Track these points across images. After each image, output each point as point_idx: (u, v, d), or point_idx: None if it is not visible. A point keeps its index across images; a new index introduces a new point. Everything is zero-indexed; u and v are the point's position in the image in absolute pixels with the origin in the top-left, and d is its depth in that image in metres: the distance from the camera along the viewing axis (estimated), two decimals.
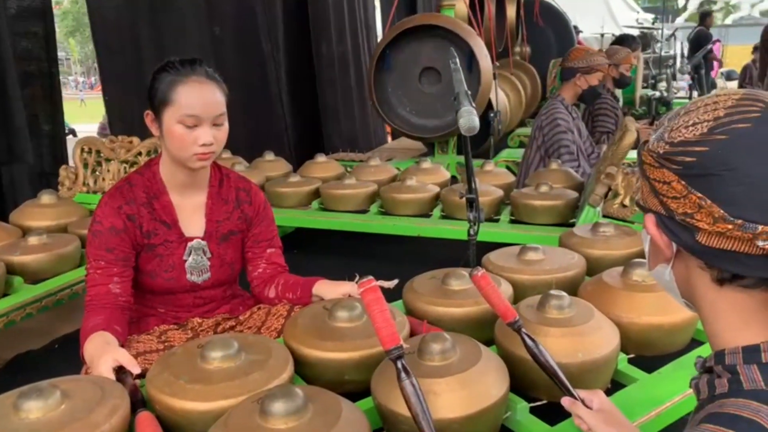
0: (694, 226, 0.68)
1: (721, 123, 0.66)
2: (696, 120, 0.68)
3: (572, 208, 2.39)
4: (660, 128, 0.74)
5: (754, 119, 0.65)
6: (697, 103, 0.71)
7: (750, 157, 0.64)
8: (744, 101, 0.67)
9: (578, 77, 3.13)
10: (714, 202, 0.65)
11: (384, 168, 3.01)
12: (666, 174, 0.70)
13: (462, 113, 1.53)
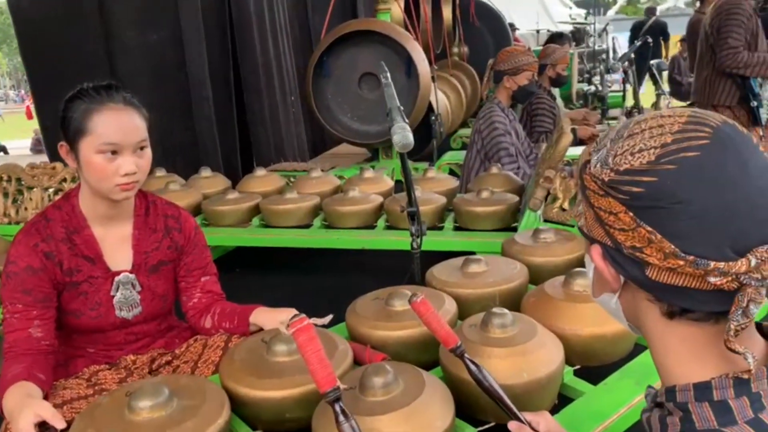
0: (644, 261, 0.65)
1: (668, 151, 0.63)
2: (642, 146, 0.65)
3: (514, 212, 2.40)
4: (601, 149, 0.70)
5: (702, 147, 0.62)
6: (641, 124, 0.68)
7: (700, 189, 0.61)
8: (690, 125, 0.64)
9: (506, 79, 3.15)
10: (664, 236, 0.62)
11: (326, 179, 2.95)
12: (612, 204, 0.66)
13: (395, 130, 1.49)
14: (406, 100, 4.14)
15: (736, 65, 3.58)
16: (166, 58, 3.91)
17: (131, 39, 3.78)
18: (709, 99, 3.83)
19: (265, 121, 4.59)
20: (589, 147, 0.75)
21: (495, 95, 3.23)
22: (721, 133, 0.63)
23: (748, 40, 3.60)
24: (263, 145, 4.55)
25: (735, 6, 3.59)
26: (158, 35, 3.83)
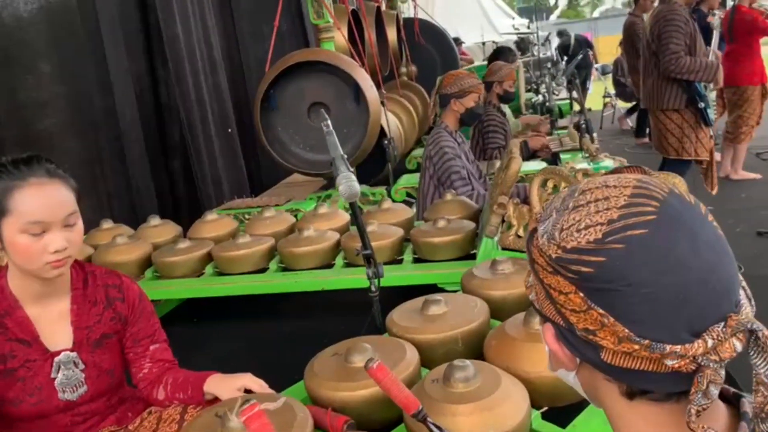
0: (598, 344, 0.62)
1: (615, 228, 0.60)
2: (588, 222, 0.61)
3: (472, 239, 2.37)
4: (547, 220, 0.67)
5: (649, 224, 0.59)
6: (586, 195, 0.65)
7: (650, 270, 0.58)
8: (637, 198, 0.61)
9: (453, 102, 3.16)
10: (617, 320, 0.59)
11: (280, 218, 2.88)
12: (562, 283, 0.63)
13: (340, 180, 1.45)
14: (357, 128, 4.11)
15: (680, 70, 3.67)
16: (94, 106, 3.77)
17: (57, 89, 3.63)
18: (658, 104, 3.92)
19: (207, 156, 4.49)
20: (536, 214, 0.72)
21: (442, 119, 3.23)
22: (669, 207, 0.61)
23: (688, 44, 3.70)
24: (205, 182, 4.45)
25: (672, 12, 3.70)
26: (85, 83, 3.69)
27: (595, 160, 2.18)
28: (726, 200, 4.80)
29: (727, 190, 5.10)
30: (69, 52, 3.57)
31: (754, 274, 3.53)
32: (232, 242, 2.61)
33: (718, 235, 0.62)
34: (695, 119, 3.85)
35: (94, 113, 3.73)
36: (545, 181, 1.98)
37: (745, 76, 5.10)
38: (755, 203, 4.76)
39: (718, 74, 3.73)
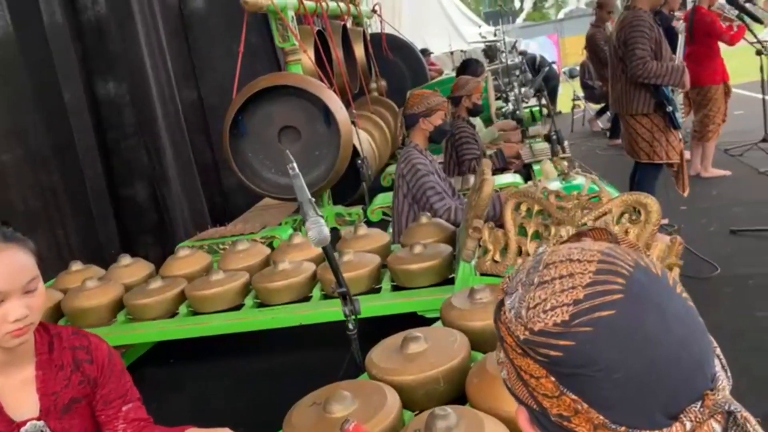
0: (573, 431, 0.59)
1: (582, 309, 0.57)
2: (554, 302, 0.59)
3: (449, 263, 2.35)
4: (514, 293, 0.64)
5: (617, 303, 0.57)
6: (550, 269, 0.62)
7: (620, 353, 0.56)
8: (602, 275, 0.59)
9: (422, 121, 3.15)
10: (591, 406, 0.57)
11: (254, 250, 2.82)
12: (532, 366, 0.61)
13: (309, 225, 1.41)
14: (328, 149, 4.07)
15: (647, 75, 3.71)
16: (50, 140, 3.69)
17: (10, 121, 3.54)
18: (627, 109, 3.96)
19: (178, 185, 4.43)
20: (503, 283, 0.70)
21: (411, 139, 3.21)
22: (635, 283, 0.58)
23: (654, 49, 3.75)
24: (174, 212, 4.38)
25: (637, 18, 3.74)
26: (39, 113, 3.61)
27: (567, 178, 2.18)
28: (698, 199, 4.86)
29: (698, 188, 5.17)
30: (19, 82, 3.50)
31: (729, 274, 3.58)
32: (205, 279, 2.55)
33: (687, 307, 0.61)
34: (664, 123, 3.90)
35: (50, 144, 3.66)
36: (518, 205, 1.97)
37: (707, 76, 5.18)
38: (727, 200, 4.83)
39: (684, 77, 3.78)
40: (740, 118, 7.54)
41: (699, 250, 3.95)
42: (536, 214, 1.93)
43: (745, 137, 6.35)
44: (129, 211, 4.39)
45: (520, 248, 1.94)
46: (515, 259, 1.95)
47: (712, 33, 5.05)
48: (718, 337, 2.25)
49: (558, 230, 1.86)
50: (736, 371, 2.08)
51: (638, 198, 1.69)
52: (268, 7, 3.82)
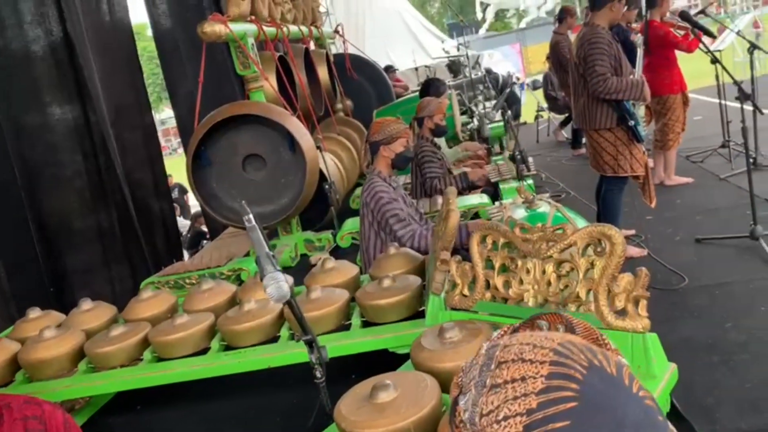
0: None
1: (535, 420, 0.55)
2: (507, 412, 0.56)
3: (419, 296, 2.31)
4: (467, 393, 0.61)
5: (571, 413, 0.54)
6: (502, 370, 0.59)
7: None
8: (555, 380, 0.56)
9: (383, 149, 3.13)
10: None
11: (219, 289, 2.74)
12: None
13: (267, 281, 1.36)
14: (294, 176, 4.04)
15: (608, 91, 3.76)
16: None
17: None
18: (591, 124, 4.00)
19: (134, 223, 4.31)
20: (457, 378, 0.66)
21: (374, 166, 3.19)
22: (589, 389, 0.56)
23: (614, 65, 3.80)
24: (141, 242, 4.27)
25: (595, 36, 3.79)
26: None
27: (531, 207, 2.17)
28: (663, 208, 4.92)
29: (663, 197, 5.24)
30: None
31: (697, 285, 3.61)
32: (169, 323, 2.47)
33: (646, 408, 0.58)
34: (627, 137, 3.95)
35: None
36: (484, 238, 1.95)
37: (665, 86, 5.29)
38: (691, 209, 4.91)
39: (645, 91, 3.84)
40: (699, 123, 7.71)
41: (667, 260, 4.00)
42: (502, 246, 1.91)
43: (705, 143, 6.49)
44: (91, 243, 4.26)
45: (488, 282, 1.92)
46: (483, 293, 1.92)
47: (667, 44, 5.16)
48: (689, 351, 2.27)
49: (525, 263, 1.84)
50: (707, 387, 2.08)
51: (602, 230, 1.68)
52: (227, 36, 3.77)
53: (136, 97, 5.15)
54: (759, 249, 3.79)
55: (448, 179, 4.15)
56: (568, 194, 5.91)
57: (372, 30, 12.90)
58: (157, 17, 5.59)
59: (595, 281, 1.67)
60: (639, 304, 1.60)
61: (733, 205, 4.62)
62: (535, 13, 36.90)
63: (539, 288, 1.80)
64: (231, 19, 3.91)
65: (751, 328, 3.05)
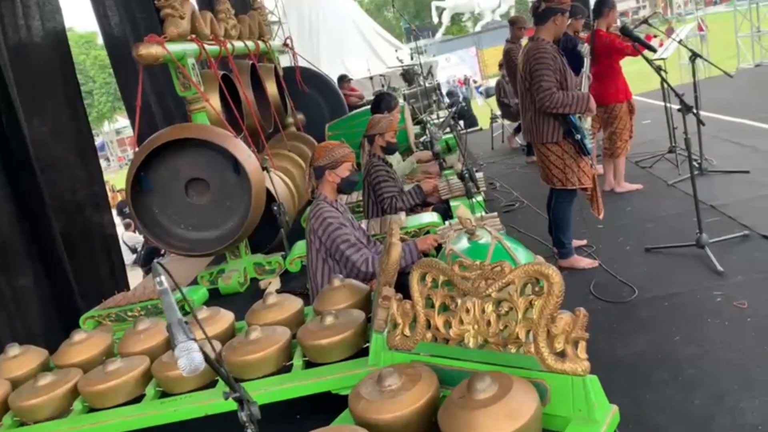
0: None
1: None
2: None
3: (363, 332, 2.24)
4: None
5: None
6: None
7: None
8: None
9: (328, 174, 3.06)
10: None
11: (155, 329, 2.60)
12: None
13: (179, 352, 1.26)
14: (240, 199, 3.92)
15: (554, 106, 3.76)
16: None
17: None
18: (538, 138, 4.00)
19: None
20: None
21: (320, 191, 3.11)
22: None
23: (559, 79, 3.80)
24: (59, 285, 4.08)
25: (540, 51, 3.79)
26: None
27: (472, 238, 2.12)
28: (614, 217, 4.97)
29: (613, 204, 5.30)
30: None
31: (646, 296, 3.63)
32: (101, 371, 2.33)
33: None
34: (575, 150, 3.96)
35: None
36: (424, 276, 1.89)
37: (611, 95, 5.36)
38: (641, 217, 4.97)
39: (590, 104, 3.86)
40: (648, 127, 7.87)
41: (618, 270, 4.02)
42: (442, 284, 1.85)
43: (655, 147, 6.60)
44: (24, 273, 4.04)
45: (429, 321, 1.86)
46: (424, 333, 1.86)
47: (612, 52, 5.23)
48: (641, 366, 2.22)
49: (464, 302, 1.78)
50: (659, 405, 2.04)
51: (539, 269, 1.64)
52: (165, 58, 3.64)
53: (74, 115, 4.95)
54: (705, 257, 3.84)
55: (406, 197, 4.10)
56: (521, 204, 5.93)
57: (327, 39, 12.81)
58: (108, 26, 5.43)
59: (534, 322, 1.62)
60: (578, 345, 1.55)
61: (682, 211, 4.69)
62: (489, 16, 37.37)
63: (479, 328, 1.74)
64: (169, 39, 3.78)
65: (699, 341, 3.07)
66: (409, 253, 3.01)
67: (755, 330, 3.04)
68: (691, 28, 8.09)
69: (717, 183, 5.33)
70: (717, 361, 2.88)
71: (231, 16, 4.98)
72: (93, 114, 34.14)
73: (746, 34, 12.07)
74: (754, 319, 3.13)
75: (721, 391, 2.66)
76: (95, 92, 33.44)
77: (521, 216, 5.59)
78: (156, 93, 5.70)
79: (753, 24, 11.76)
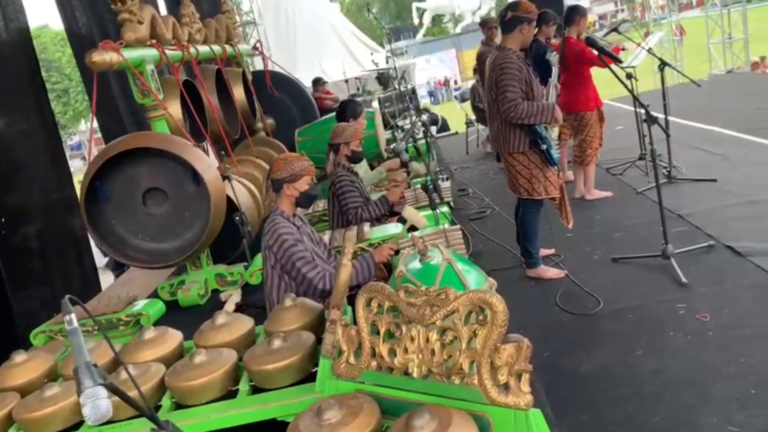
0: None
1: None
2: None
3: (312, 355, 2.16)
4: None
5: None
6: None
7: None
8: None
9: (287, 187, 2.97)
10: None
11: (99, 350, 2.48)
12: None
13: (84, 399, 1.17)
14: (199, 209, 3.82)
15: (519, 116, 3.73)
16: None
17: None
18: (505, 147, 3.97)
19: None
20: None
21: (277, 205, 3.02)
22: None
23: (525, 90, 3.77)
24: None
25: (506, 61, 3.75)
26: None
27: (424, 259, 2.06)
28: (583, 225, 4.96)
29: (583, 212, 5.30)
30: None
31: (611, 308, 3.61)
32: (37, 396, 2.22)
33: None
34: (541, 160, 3.93)
35: None
36: (369, 301, 1.82)
37: (582, 103, 5.36)
38: (609, 225, 4.97)
39: (556, 114, 3.83)
40: (621, 133, 7.90)
41: (584, 281, 4.01)
42: (387, 310, 1.78)
43: (626, 154, 6.62)
44: None
45: (374, 349, 1.79)
46: (369, 361, 1.79)
47: (582, 60, 5.22)
48: (604, 382, 2.17)
49: (409, 329, 1.72)
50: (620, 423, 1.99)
51: (483, 297, 1.57)
52: (120, 64, 3.52)
53: (40, 116, 4.82)
54: (670, 268, 3.84)
55: (372, 207, 4.03)
56: (492, 210, 5.91)
57: (304, 41, 12.69)
58: (75, 26, 5.31)
59: (478, 352, 1.56)
60: (522, 378, 1.50)
61: (650, 220, 4.69)
62: (470, 18, 37.48)
63: (423, 357, 1.68)
64: (126, 45, 3.66)
65: (660, 355, 3.06)
66: (366, 267, 2.95)
67: (716, 344, 3.03)
68: (660, 36, 8.15)
69: (685, 191, 5.35)
70: (678, 376, 2.87)
71: (196, 20, 4.87)
72: (69, 113, 33.44)
73: (718, 40, 12.22)
74: (716, 333, 3.12)
75: (680, 408, 2.65)
76: (71, 90, 32.76)
77: (492, 223, 5.56)
78: (125, 95, 5.58)
79: (724, 30, 11.90)
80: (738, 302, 3.38)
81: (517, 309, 3.85)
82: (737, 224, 4.38)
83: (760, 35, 16.16)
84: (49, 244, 4.53)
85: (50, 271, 4.62)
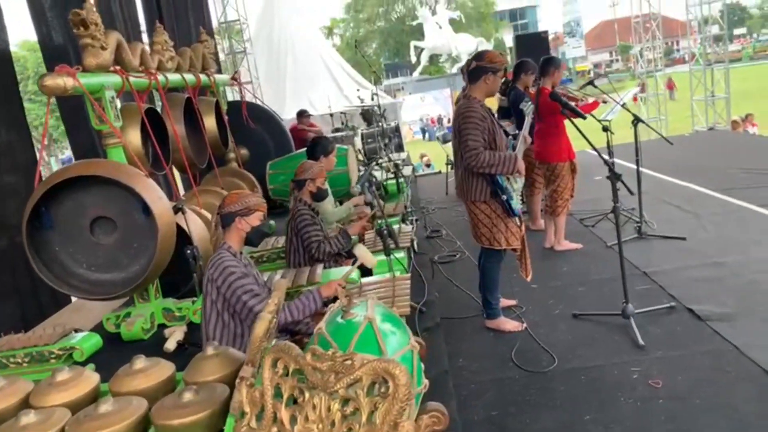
0: None
1: None
2: None
3: (223, 413, 2.03)
4: None
5: None
6: None
7: None
8: None
9: (238, 221, 2.89)
10: None
11: (10, 390, 2.34)
12: None
13: None
14: (147, 241, 3.70)
15: (480, 165, 3.67)
16: None
17: None
18: (467, 195, 3.91)
19: None
20: None
21: (225, 240, 2.93)
22: None
23: (487, 139, 3.72)
24: None
25: (469, 110, 3.71)
26: None
27: (346, 316, 1.95)
28: (548, 277, 4.89)
29: (551, 263, 5.23)
30: None
31: (565, 367, 3.51)
32: None
33: None
34: (503, 209, 3.87)
35: None
36: (276, 361, 1.71)
37: (554, 153, 5.34)
38: (575, 279, 4.88)
39: (518, 165, 3.78)
40: (598, 184, 7.87)
41: (542, 336, 3.91)
42: (293, 373, 1.67)
43: (600, 205, 6.59)
44: None
45: (276, 414, 1.67)
46: (270, 427, 1.67)
47: (556, 111, 5.21)
48: None
49: (312, 396, 1.61)
50: None
51: (387, 367, 1.48)
52: (74, 89, 3.45)
53: (17, 136, 4.70)
54: (629, 328, 3.75)
55: (333, 241, 3.97)
56: (462, 254, 5.83)
57: (293, 72, 12.76)
58: (48, 40, 5.24)
59: (377, 427, 1.46)
60: None
61: (616, 276, 4.59)
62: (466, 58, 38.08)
63: (323, 428, 1.57)
64: (85, 70, 3.60)
65: (608, 423, 2.94)
66: (313, 301, 2.89)
67: (665, 414, 2.92)
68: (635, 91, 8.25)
69: (654, 248, 5.30)
70: None
71: (168, 48, 4.83)
72: (61, 127, 33.41)
73: (701, 97, 12.40)
74: (666, 402, 3.02)
75: None
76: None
77: (460, 268, 5.47)
78: None
79: (707, 88, 12.09)
80: (693, 369, 3.29)
81: (471, 362, 3.77)
82: (700, 286, 4.32)
83: (743, 94, 16.45)
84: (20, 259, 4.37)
85: (19, 285, 4.45)
